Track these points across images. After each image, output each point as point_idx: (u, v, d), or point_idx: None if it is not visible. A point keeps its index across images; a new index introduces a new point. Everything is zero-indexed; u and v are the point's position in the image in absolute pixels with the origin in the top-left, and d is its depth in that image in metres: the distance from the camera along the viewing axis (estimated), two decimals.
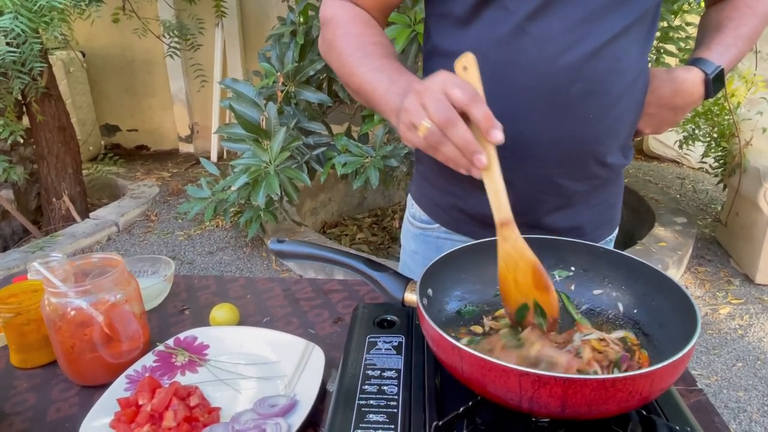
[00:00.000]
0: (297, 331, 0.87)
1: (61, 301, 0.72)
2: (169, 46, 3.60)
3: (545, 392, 0.46)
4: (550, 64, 0.71)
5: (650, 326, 0.64)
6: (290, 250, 0.67)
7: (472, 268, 0.70)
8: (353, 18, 0.78)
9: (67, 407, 0.71)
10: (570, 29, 0.70)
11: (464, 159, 0.55)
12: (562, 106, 0.73)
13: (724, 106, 2.95)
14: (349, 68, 0.73)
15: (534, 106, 0.73)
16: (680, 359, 0.50)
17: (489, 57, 0.72)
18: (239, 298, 0.97)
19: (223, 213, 2.77)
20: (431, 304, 0.63)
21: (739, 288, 2.75)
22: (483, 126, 0.54)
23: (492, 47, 0.73)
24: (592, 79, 0.72)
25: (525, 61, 0.72)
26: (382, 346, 0.65)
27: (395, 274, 0.64)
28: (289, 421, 0.64)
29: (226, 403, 0.69)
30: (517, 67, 0.72)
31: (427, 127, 0.54)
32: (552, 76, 0.71)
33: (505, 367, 0.47)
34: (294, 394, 0.69)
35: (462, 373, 0.51)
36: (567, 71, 0.71)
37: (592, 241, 0.85)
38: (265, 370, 0.75)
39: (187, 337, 0.81)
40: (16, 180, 3.08)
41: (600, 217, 0.90)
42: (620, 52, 0.73)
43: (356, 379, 0.60)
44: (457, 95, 0.53)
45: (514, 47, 0.72)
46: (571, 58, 0.70)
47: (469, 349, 0.49)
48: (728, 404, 2.01)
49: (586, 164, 0.80)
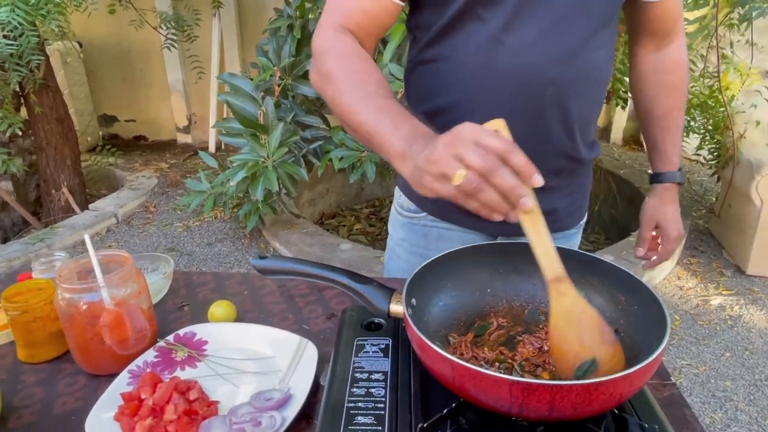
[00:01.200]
0: (292, 327, 0.91)
1: (74, 296, 0.75)
2: (165, 37, 3.60)
3: (534, 399, 0.49)
4: (524, 70, 0.77)
5: (623, 325, 0.68)
6: (272, 266, 0.69)
7: (452, 275, 0.73)
8: (351, 53, 0.77)
9: (72, 401, 0.74)
10: (541, 38, 0.76)
11: (505, 204, 0.54)
12: (537, 109, 0.80)
13: (719, 98, 2.97)
14: (348, 106, 0.72)
15: (511, 109, 0.76)
16: (655, 359, 0.53)
17: (467, 65, 0.79)
18: (237, 294, 1.01)
19: (222, 205, 2.80)
20: (416, 314, 0.66)
21: (731, 279, 2.80)
22: (525, 171, 0.54)
23: (470, 56, 0.79)
24: (564, 83, 0.79)
25: (501, 68, 0.78)
26: (369, 349, 0.68)
27: (379, 286, 0.67)
28: (283, 414, 0.67)
29: (225, 396, 0.73)
30: (495, 73, 0.78)
31: (463, 175, 0.53)
32: (527, 81, 0.78)
33: (495, 377, 0.50)
34: (288, 388, 0.72)
35: (453, 382, 0.54)
36: (540, 77, 0.77)
37: (565, 226, 0.99)
38: (261, 365, 0.79)
39: (187, 333, 0.84)
40: (15, 172, 3.11)
41: (573, 205, 1.00)
42: (588, 57, 0.80)
43: (345, 382, 0.63)
44: (494, 143, 0.53)
45: (491, 55, 0.78)
46: (543, 64, 0.77)
47: (459, 360, 0.52)
48: (715, 393, 2.06)
49: (558, 160, 0.88)
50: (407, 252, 1.03)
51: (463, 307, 0.74)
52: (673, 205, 1.03)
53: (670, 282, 2.79)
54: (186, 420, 0.66)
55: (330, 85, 0.75)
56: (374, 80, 0.73)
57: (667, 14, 0.92)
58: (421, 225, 1.00)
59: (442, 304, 0.72)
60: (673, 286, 2.75)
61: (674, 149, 1.01)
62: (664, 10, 0.91)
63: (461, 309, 0.74)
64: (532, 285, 0.76)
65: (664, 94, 0.99)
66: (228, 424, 0.67)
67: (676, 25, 0.94)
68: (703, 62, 3.02)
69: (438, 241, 0.99)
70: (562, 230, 1.01)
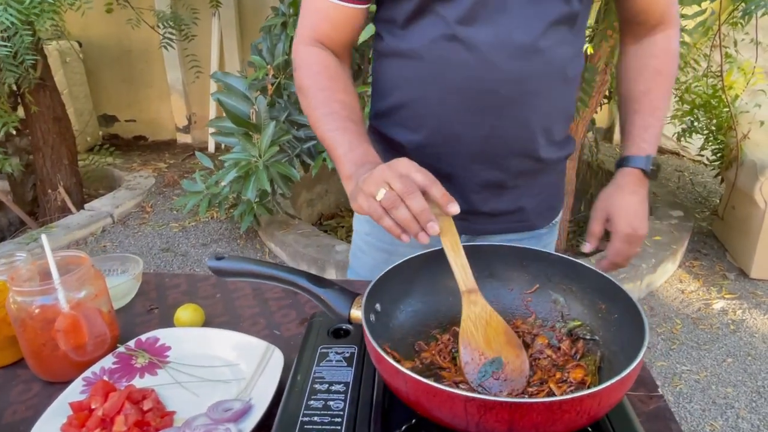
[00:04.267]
0: (263, 332, 0.87)
1: (27, 299, 0.72)
2: (163, 36, 3.58)
3: (492, 417, 0.46)
4: (479, 66, 0.77)
5: (603, 335, 0.63)
6: (229, 267, 0.65)
7: (421, 278, 0.69)
8: (322, 69, 0.83)
9: (23, 409, 0.71)
10: (495, 34, 0.75)
11: (416, 224, 0.60)
12: (493, 107, 0.79)
13: (723, 98, 2.91)
14: (314, 120, 0.81)
15: (467, 106, 0.79)
16: (628, 375, 0.49)
17: (425, 59, 0.80)
18: (208, 297, 0.97)
19: (218, 205, 2.77)
20: (380, 320, 0.62)
21: (734, 283, 2.74)
22: (441, 201, 0.62)
23: (427, 50, 0.79)
24: (520, 80, 0.77)
25: (457, 64, 0.78)
26: (333, 358, 0.65)
27: (341, 290, 0.63)
28: (240, 426, 0.63)
29: (183, 406, 0.69)
30: (451, 69, 0.78)
31: (384, 192, 0.61)
32: (481, 77, 0.77)
33: (449, 392, 0.46)
34: (250, 398, 0.68)
35: (407, 397, 0.51)
36: (496, 73, 0.77)
37: (534, 226, 0.96)
38: (225, 372, 0.75)
39: (150, 338, 0.80)
40: (11, 171, 3.09)
41: (541, 205, 0.97)
42: (549, 53, 0.78)
43: (303, 394, 0.59)
44: (418, 176, 0.62)
45: (447, 51, 0.78)
46: (498, 60, 0.76)
47: (412, 373, 0.48)
48: (716, 400, 2.01)
49: (518, 159, 0.86)
50: (372, 248, 1.03)
51: (435, 313, 0.70)
52: (631, 196, 0.86)
53: (672, 285, 2.73)
54: None
55: (303, 99, 0.84)
56: (339, 99, 0.80)
57: (654, 4, 0.88)
58: None
59: (410, 309, 0.68)
60: (675, 290, 2.70)
61: (644, 132, 0.89)
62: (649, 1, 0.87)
63: (432, 315, 0.70)
64: (508, 290, 0.72)
65: (645, 78, 0.91)
66: None
67: (665, 15, 0.90)
68: (707, 61, 2.96)
69: None
70: (531, 230, 0.97)
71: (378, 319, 0.62)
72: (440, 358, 0.63)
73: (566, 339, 0.63)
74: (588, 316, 0.65)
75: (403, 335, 0.66)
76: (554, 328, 0.66)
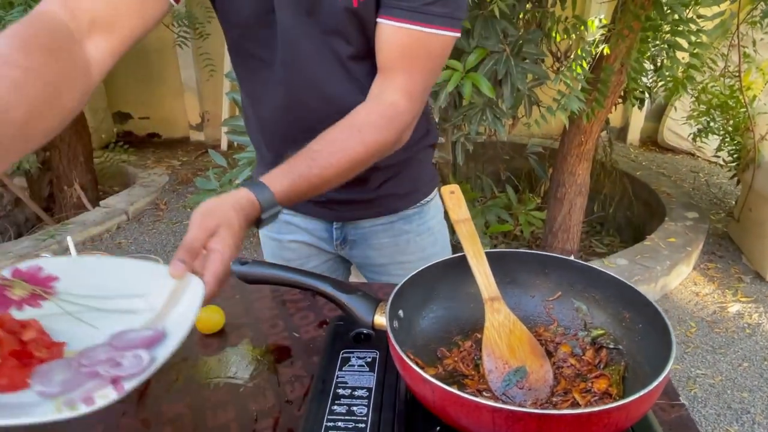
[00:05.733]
0: (282, 333, 0.88)
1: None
2: (177, 35, 3.60)
3: (519, 428, 0.46)
4: (282, 100, 0.87)
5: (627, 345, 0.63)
6: (253, 272, 0.65)
7: (443, 284, 0.69)
8: None
9: None
10: (284, 72, 0.84)
11: None
12: (308, 130, 0.80)
13: (740, 99, 2.87)
14: None
15: (290, 131, 0.90)
16: (656, 387, 0.49)
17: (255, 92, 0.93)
18: (228, 298, 0.98)
19: None
20: (403, 326, 0.62)
21: (750, 286, 2.71)
22: None
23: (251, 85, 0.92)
24: (323, 120, 0.79)
25: (269, 97, 0.89)
26: (355, 362, 0.65)
27: (365, 296, 0.63)
28: (153, 353, 0.53)
29: (78, 339, 0.58)
30: (266, 99, 0.90)
31: None
32: (285, 109, 0.88)
33: (477, 403, 0.46)
34: (163, 327, 0.58)
35: (434, 405, 0.51)
36: (292, 105, 0.88)
37: (398, 208, 1.04)
38: (131, 303, 0.63)
39: (31, 267, 0.66)
40: (28, 168, 3.14)
41: (399, 190, 1.02)
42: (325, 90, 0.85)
43: (326, 399, 0.60)
44: None
45: (265, 86, 0.89)
46: (286, 97, 0.86)
47: (439, 383, 0.48)
48: (731, 405, 1.99)
49: None
50: (266, 238, 1.14)
51: (457, 320, 0.70)
52: None
53: (686, 288, 2.71)
54: (14, 364, 0.53)
55: None
56: None
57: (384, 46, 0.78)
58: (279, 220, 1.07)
59: (432, 315, 0.68)
60: (689, 292, 2.67)
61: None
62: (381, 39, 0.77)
63: (454, 321, 0.70)
64: (530, 297, 0.72)
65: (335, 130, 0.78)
66: (74, 367, 0.53)
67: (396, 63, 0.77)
68: (724, 61, 2.92)
69: (286, 225, 1.09)
70: (397, 212, 1.04)
71: (400, 326, 0.62)
72: (463, 365, 0.63)
73: (590, 348, 0.63)
74: (611, 324, 0.65)
75: (426, 342, 0.66)
76: (577, 336, 0.66)
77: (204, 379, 0.77)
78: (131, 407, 0.72)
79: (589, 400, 0.56)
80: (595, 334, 0.64)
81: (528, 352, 0.61)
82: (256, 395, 0.74)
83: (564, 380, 0.59)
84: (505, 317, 0.63)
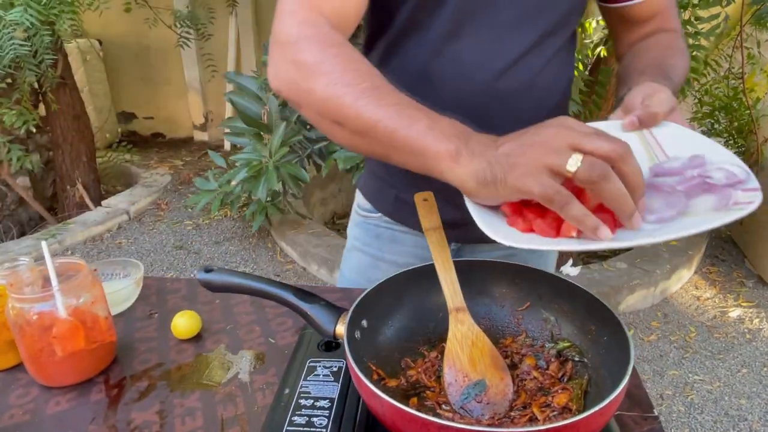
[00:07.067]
0: (258, 339, 0.88)
1: (25, 305, 0.73)
2: (180, 36, 3.62)
3: None
4: (464, 83, 0.74)
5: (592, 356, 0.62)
6: (218, 280, 0.66)
7: (411, 293, 0.68)
8: (341, 41, 0.61)
9: (20, 414, 0.72)
10: (480, 49, 0.73)
11: (630, 204, 0.47)
12: (480, 124, 0.73)
13: (744, 101, 2.84)
14: (353, 98, 0.56)
15: None
16: (609, 404, 0.48)
17: (411, 76, 0.75)
18: (208, 303, 0.98)
19: (230, 204, 2.80)
20: (366, 336, 0.62)
21: (752, 290, 2.67)
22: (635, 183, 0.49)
23: (414, 67, 0.76)
24: (505, 97, 0.75)
25: (442, 81, 0.75)
26: (321, 372, 0.64)
27: (327, 305, 0.63)
28: None
29: None
30: (436, 86, 0.76)
31: (580, 159, 0.46)
32: (468, 94, 0.74)
33: (424, 419, 0.46)
34: None
35: (384, 419, 0.51)
36: (480, 90, 0.74)
37: None
38: None
39: None
40: (32, 168, 3.16)
41: None
42: (532, 69, 0.75)
43: (287, 409, 0.59)
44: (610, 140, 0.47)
45: (433, 68, 0.75)
46: (483, 77, 0.74)
47: (387, 397, 0.47)
48: (729, 411, 1.97)
49: None
50: (359, 252, 1.01)
51: (424, 330, 0.69)
52: None
53: (687, 291, 2.68)
54: None
55: (320, 77, 0.58)
56: (377, 74, 0.58)
57: (646, 13, 0.82)
58: (375, 225, 0.99)
59: (399, 325, 0.67)
60: (690, 296, 2.64)
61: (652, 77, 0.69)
62: (640, 10, 0.82)
63: (421, 331, 0.69)
64: (500, 307, 0.71)
65: (649, 49, 0.78)
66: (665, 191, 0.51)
67: (660, 11, 0.82)
68: (728, 62, 2.88)
69: (390, 243, 0.96)
70: None
71: (365, 335, 0.62)
72: (426, 376, 0.62)
73: (555, 360, 0.63)
74: (578, 336, 0.64)
75: (390, 351, 0.65)
76: (543, 347, 0.65)
77: (176, 385, 0.77)
78: (100, 414, 0.72)
79: (548, 415, 0.55)
80: (561, 346, 0.63)
81: (489, 364, 0.60)
82: (226, 402, 0.74)
83: (525, 394, 0.59)
84: (468, 328, 0.62)
